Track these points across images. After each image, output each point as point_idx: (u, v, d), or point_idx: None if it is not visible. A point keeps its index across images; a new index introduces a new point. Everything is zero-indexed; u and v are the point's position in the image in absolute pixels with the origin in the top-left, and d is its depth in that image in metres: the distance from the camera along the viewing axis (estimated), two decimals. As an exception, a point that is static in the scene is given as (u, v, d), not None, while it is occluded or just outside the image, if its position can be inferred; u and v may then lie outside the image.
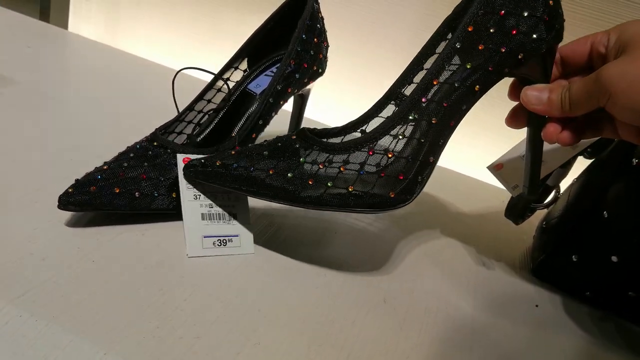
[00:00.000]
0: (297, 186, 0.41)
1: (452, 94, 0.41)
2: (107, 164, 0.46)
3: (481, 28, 0.40)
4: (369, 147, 0.41)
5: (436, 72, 0.41)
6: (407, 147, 0.42)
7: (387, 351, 0.38)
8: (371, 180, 0.41)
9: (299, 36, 0.52)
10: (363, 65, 0.90)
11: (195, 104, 0.55)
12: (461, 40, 0.41)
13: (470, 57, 0.41)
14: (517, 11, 0.40)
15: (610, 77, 0.36)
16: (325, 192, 0.41)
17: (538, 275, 0.52)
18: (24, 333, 0.32)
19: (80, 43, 0.93)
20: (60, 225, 0.42)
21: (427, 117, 0.41)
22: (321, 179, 0.41)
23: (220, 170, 0.43)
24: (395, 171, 0.41)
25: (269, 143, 0.45)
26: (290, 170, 0.41)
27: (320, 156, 0.42)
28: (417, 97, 0.41)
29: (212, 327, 0.36)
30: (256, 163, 0.42)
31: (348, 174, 0.41)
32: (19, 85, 0.66)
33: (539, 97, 0.40)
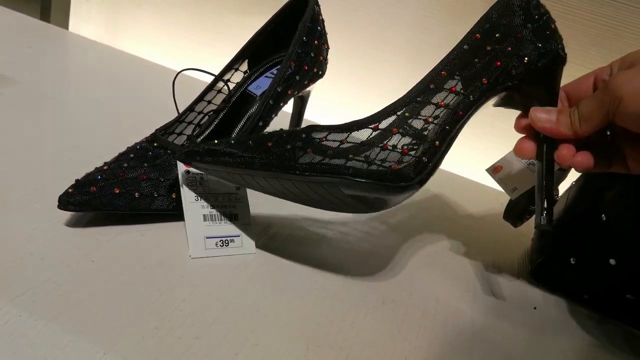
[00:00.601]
0: (294, 155, 0.40)
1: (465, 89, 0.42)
2: (107, 164, 0.46)
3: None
4: (374, 125, 0.41)
5: (446, 63, 0.43)
6: (413, 127, 0.42)
7: (385, 353, 0.38)
8: (373, 155, 0.40)
9: (300, 38, 0.52)
10: (363, 68, 0.90)
11: (196, 105, 0.55)
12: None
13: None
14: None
15: (620, 83, 0.36)
16: (322, 159, 0.40)
17: (536, 277, 0.52)
18: (24, 332, 0.32)
19: (81, 43, 0.93)
20: (60, 225, 0.42)
21: (434, 100, 0.42)
22: (319, 148, 0.40)
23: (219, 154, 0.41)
24: (400, 146, 0.41)
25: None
26: (289, 142, 0.40)
27: (321, 133, 0.41)
28: (426, 84, 0.43)
29: (211, 327, 0.36)
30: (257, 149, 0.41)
31: (348, 146, 0.40)
32: (19, 85, 0.66)
33: (548, 117, 0.40)
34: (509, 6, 0.43)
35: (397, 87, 0.45)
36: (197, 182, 0.46)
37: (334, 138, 0.41)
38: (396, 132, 0.41)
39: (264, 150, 0.40)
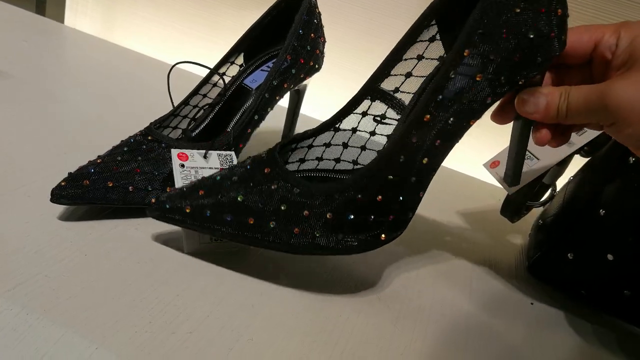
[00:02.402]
0: (281, 235, 0.39)
1: (449, 130, 0.38)
2: (101, 157, 0.45)
3: (479, 54, 0.36)
4: (357, 193, 0.38)
5: (425, 107, 0.37)
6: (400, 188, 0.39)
7: (381, 348, 0.38)
8: (361, 227, 0.38)
9: (296, 31, 0.52)
10: (359, 62, 0.90)
11: (191, 99, 0.54)
12: (456, 68, 0.36)
13: (467, 90, 0.37)
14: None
15: (618, 106, 0.32)
16: (313, 240, 0.38)
17: (533, 273, 0.52)
18: (15, 326, 0.31)
19: (77, 37, 0.93)
20: (53, 219, 0.42)
21: (418, 158, 0.38)
22: (310, 227, 0.38)
23: (192, 218, 0.39)
24: (387, 214, 0.38)
25: (239, 178, 0.40)
26: (272, 219, 0.38)
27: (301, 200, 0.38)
28: (407, 136, 0.37)
29: (204, 322, 0.36)
30: (232, 210, 0.39)
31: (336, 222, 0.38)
32: (13, 79, 0.66)
33: (537, 103, 0.36)
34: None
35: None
36: (191, 176, 0.46)
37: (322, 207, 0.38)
38: (381, 200, 0.38)
39: (247, 227, 0.39)
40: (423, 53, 0.41)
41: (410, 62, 0.42)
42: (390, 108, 0.43)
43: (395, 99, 0.43)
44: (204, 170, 0.46)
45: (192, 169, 0.46)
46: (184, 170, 0.46)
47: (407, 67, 0.42)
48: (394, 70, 0.42)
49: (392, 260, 0.49)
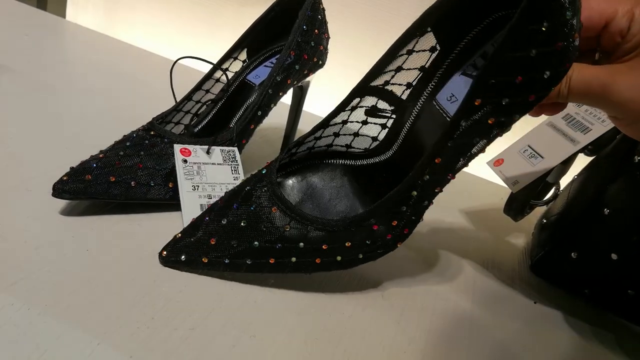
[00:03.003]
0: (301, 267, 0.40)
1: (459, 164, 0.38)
2: (103, 152, 0.45)
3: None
4: (373, 224, 0.39)
5: (437, 152, 0.36)
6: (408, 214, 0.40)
7: (384, 346, 0.38)
8: (379, 245, 0.40)
9: (300, 27, 0.52)
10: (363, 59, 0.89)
11: (193, 94, 0.54)
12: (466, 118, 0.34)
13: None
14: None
15: (622, 99, 0.31)
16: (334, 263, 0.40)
17: (536, 272, 0.52)
18: (16, 321, 0.31)
19: (78, 32, 0.92)
20: (55, 214, 0.42)
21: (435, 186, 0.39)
22: (331, 254, 0.39)
23: (210, 267, 0.39)
24: (403, 228, 0.39)
25: (249, 224, 0.39)
26: (292, 256, 0.39)
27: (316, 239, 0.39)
28: (412, 186, 0.38)
29: (207, 319, 0.36)
30: (252, 254, 0.39)
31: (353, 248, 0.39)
32: (15, 74, 0.65)
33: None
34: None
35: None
36: (194, 172, 0.46)
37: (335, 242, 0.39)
38: (395, 225, 0.39)
39: (268, 266, 0.39)
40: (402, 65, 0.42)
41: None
42: (380, 100, 0.44)
43: (386, 92, 0.43)
44: (207, 166, 0.46)
45: (194, 165, 0.46)
46: (187, 165, 0.45)
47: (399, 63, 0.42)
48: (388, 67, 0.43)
49: (395, 258, 0.49)
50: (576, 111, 0.52)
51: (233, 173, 0.47)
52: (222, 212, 0.40)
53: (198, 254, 0.39)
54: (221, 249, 0.39)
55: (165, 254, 0.39)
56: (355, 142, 0.47)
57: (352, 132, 0.46)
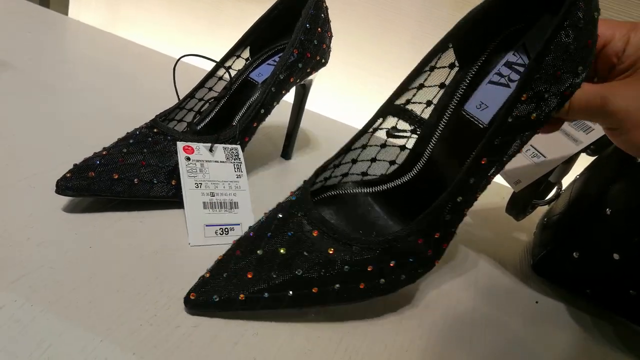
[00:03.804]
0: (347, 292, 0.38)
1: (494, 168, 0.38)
2: (106, 149, 0.45)
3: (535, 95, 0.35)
4: (417, 237, 0.38)
5: (484, 152, 0.37)
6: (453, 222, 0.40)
7: (386, 344, 0.38)
8: (420, 263, 0.39)
9: (303, 25, 0.52)
10: (366, 57, 0.89)
11: (196, 92, 0.54)
12: (512, 113, 0.35)
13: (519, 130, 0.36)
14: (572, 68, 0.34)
15: (619, 111, 0.33)
16: (378, 286, 0.38)
17: (538, 271, 0.52)
18: (19, 318, 0.31)
19: (81, 29, 0.92)
20: (58, 211, 0.42)
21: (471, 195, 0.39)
22: (375, 277, 0.38)
23: (247, 304, 0.36)
24: (441, 243, 0.40)
25: (287, 249, 0.37)
26: (336, 282, 0.37)
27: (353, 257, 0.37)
28: (457, 192, 0.38)
29: (209, 317, 0.36)
30: (293, 285, 0.36)
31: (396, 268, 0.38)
32: (17, 71, 0.65)
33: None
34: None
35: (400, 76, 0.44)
36: (197, 170, 0.46)
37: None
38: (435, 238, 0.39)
39: (310, 297, 0.37)
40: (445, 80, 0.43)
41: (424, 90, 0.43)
42: (401, 120, 0.44)
43: (407, 112, 0.43)
44: (210, 164, 0.46)
45: (197, 162, 0.46)
46: (190, 163, 0.45)
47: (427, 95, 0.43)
48: (410, 95, 0.43)
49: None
50: None
51: (236, 171, 0.47)
52: (255, 243, 0.38)
53: (234, 291, 0.36)
54: (260, 283, 0.36)
55: (194, 297, 0.35)
56: (371, 169, 0.46)
57: (370, 158, 0.45)
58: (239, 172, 0.48)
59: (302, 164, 0.63)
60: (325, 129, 0.76)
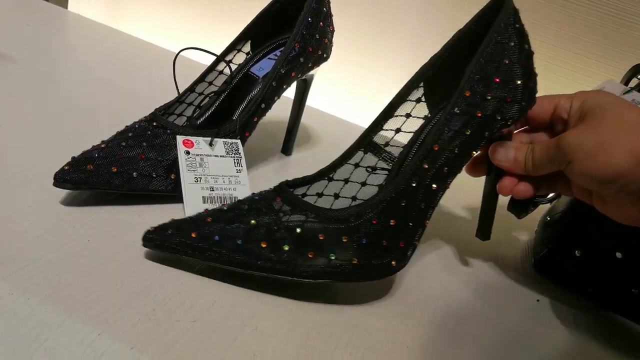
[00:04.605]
0: (295, 259, 0.37)
1: (453, 159, 0.41)
2: (105, 142, 0.45)
3: (477, 94, 0.41)
4: (372, 216, 0.38)
5: (436, 138, 0.40)
6: (411, 214, 0.40)
7: (387, 341, 0.38)
8: (374, 251, 0.39)
9: (305, 19, 0.51)
10: (366, 55, 0.89)
11: (196, 86, 0.54)
12: (460, 105, 0.40)
13: (469, 123, 0.41)
14: (508, 77, 0.41)
15: (570, 145, 0.38)
16: (328, 264, 0.38)
17: (539, 270, 0.51)
18: (16, 310, 0.31)
19: (80, 23, 0.92)
20: (56, 204, 0.41)
21: (429, 183, 0.40)
22: (322, 249, 0.38)
23: (197, 245, 0.37)
24: (397, 239, 0.39)
25: (249, 206, 0.39)
26: (286, 242, 0.37)
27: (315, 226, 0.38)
28: (420, 164, 0.40)
29: (209, 311, 0.35)
30: (244, 234, 0.37)
31: (349, 244, 0.38)
32: (17, 63, 0.65)
33: (506, 154, 0.43)
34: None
35: (401, 74, 0.44)
36: (196, 164, 0.45)
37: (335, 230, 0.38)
38: (395, 224, 0.39)
39: (259, 253, 0.37)
40: (411, 112, 0.46)
41: (399, 119, 0.46)
42: (381, 160, 0.45)
43: (385, 152, 0.45)
44: (210, 158, 0.46)
45: (197, 157, 0.45)
46: (189, 157, 0.45)
47: (397, 123, 0.46)
48: (386, 125, 0.45)
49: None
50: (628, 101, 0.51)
51: (236, 165, 0.47)
52: (225, 205, 0.40)
53: (189, 228, 0.37)
54: (214, 225, 0.37)
55: (152, 229, 0.37)
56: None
57: (351, 197, 0.44)
58: (239, 167, 0.48)
59: (302, 160, 0.63)
60: (326, 125, 0.75)
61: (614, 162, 0.36)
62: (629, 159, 0.35)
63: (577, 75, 0.76)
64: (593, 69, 0.76)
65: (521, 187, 0.44)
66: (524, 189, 0.44)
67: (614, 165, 0.36)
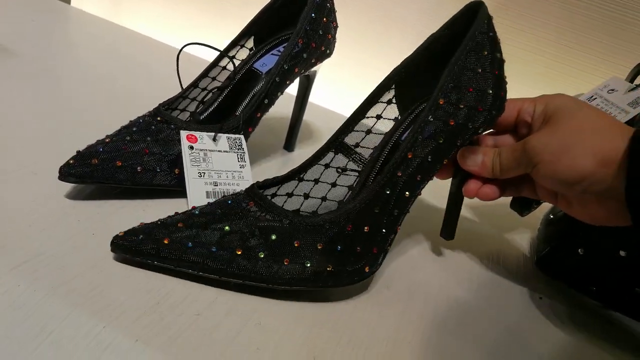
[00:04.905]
0: (270, 266, 0.37)
1: (426, 167, 0.41)
2: (110, 137, 0.45)
3: (451, 103, 0.41)
4: (347, 223, 0.38)
5: (410, 146, 0.40)
6: (383, 220, 0.40)
7: (388, 337, 0.38)
8: (348, 258, 0.38)
9: (308, 14, 0.51)
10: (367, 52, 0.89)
11: (199, 81, 0.54)
12: (433, 113, 0.41)
13: (442, 132, 0.41)
14: (480, 87, 0.41)
15: (535, 148, 0.39)
16: (303, 271, 0.37)
17: (542, 268, 0.51)
18: (22, 303, 0.31)
19: (83, 18, 0.92)
20: (61, 197, 0.41)
21: (401, 190, 0.40)
22: (298, 255, 0.37)
23: (168, 251, 0.36)
24: (371, 246, 0.40)
25: (222, 211, 0.39)
26: (261, 249, 0.37)
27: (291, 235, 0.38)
28: (394, 171, 0.40)
29: (212, 305, 0.35)
30: (218, 240, 0.37)
31: (324, 251, 0.38)
32: (21, 58, 0.65)
33: (475, 159, 0.44)
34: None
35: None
36: (200, 159, 0.45)
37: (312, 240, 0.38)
38: (368, 230, 0.39)
39: (233, 260, 0.36)
40: (382, 113, 0.46)
41: (371, 120, 0.46)
42: (351, 161, 0.45)
43: (355, 153, 0.46)
44: (213, 153, 0.46)
45: (200, 152, 0.45)
46: (193, 152, 0.45)
47: (368, 124, 0.46)
48: (357, 127, 0.46)
49: (401, 251, 0.49)
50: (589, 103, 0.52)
51: (239, 161, 0.47)
52: (197, 207, 0.39)
53: (160, 234, 0.36)
54: (187, 230, 0.37)
55: (122, 234, 0.36)
56: (321, 209, 0.44)
57: (321, 197, 0.44)
58: (243, 162, 0.48)
59: (304, 156, 0.62)
60: (327, 122, 0.75)
61: (578, 164, 0.37)
62: (592, 161, 0.36)
63: (580, 73, 0.76)
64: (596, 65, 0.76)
65: (486, 189, 0.45)
66: (489, 192, 0.45)
67: (578, 167, 0.37)
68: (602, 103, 0.52)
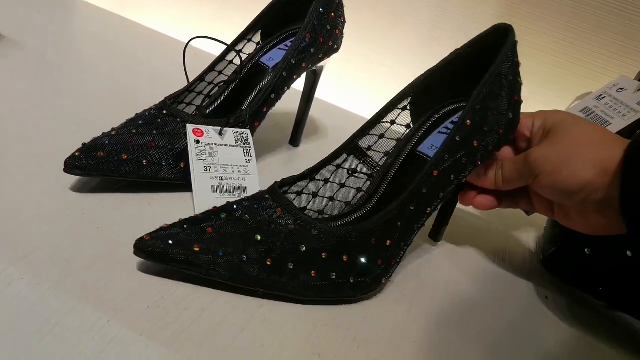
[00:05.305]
0: (297, 276, 0.37)
1: (446, 184, 0.42)
2: (115, 129, 0.45)
3: (476, 125, 0.42)
4: (372, 237, 0.39)
5: (436, 164, 0.41)
6: (404, 234, 0.41)
7: (394, 334, 0.37)
8: (370, 269, 0.39)
9: (316, 9, 0.51)
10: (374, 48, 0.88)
11: (206, 75, 0.53)
12: (460, 134, 0.42)
13: (466, 151, 0.42)
14: (502, 110, 0.43)
15: (537, 160, 0.41)
16: (330, 282, 0.38)
17: (548, 267, 0.51)
18: (27, 295, 0.31)
19: (89, 11, 0.92)
20: (66, 190, 0.41)
21: (424, 206, 0.41)
22: (325, 267, 0.38)
23: (199, 259, 0.35)
24: (390, 258, 0.40)
25: (251, 217, 0.38)
26: (291, 260, 0.37)
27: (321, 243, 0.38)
28: (420, 188, 0.41)
29: (217, 301, 0.35)
30: (249, 250, 0.36)
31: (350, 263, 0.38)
32: (26, 50, 0.65)
33: (477, 171, 0.45)
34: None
35: (409, 68, 0.44)
36: (206, 153, 0.45)
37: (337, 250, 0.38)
38: (390, 244, 0.40)
39: (264, 270, 0.36)
40: (396, 119, 0.47)
41: (384, 126, 0.47)
42: (362, 164, 0.46)
43: (367, 157, 0.46)
44: (219, 147, 0.46)
45: (207, 145, 0.45)
46: (199, 146, 0.45)
47: (382, 130, 0.47)
48: (373, 130, 0.46)
49: (409, 249, 0.48)
50: (595, 104, 0.51)
51: (245, 155, 0.47)
52: (219, 209, 0.38)
53: (191, 241, 0.35)
54: (218, 240, 0.36)
55: (148, 238, 0.35)
56: (328, 208, 0.44)
57: (329, 196, 0.44)
58: (249, 157, 0.47)
59: (310, 152, 0.63)
60: (333, 118, 0.75)
61: (578, 174, 0.38)
62: (592, 171, 0.38)
63: (589, 72, 0.76)
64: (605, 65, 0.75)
65: (481, 199, 0.46)
66: (484, 201, 0.46)
67: (578, 177, 0.38)
68: (611, 102, 0.51)
